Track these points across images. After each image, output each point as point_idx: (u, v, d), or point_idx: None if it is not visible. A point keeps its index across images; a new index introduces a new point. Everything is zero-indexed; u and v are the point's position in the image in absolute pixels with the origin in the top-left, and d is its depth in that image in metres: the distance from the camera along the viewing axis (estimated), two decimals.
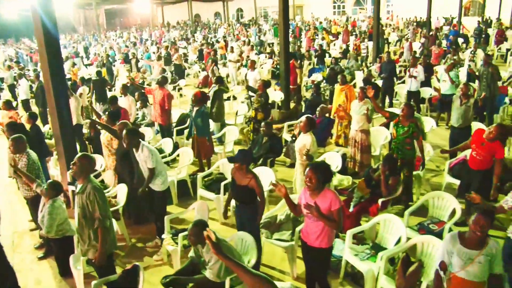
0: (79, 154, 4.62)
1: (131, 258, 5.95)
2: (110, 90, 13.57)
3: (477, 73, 10.65)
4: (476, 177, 5.99)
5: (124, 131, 5.79)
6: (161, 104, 9.27)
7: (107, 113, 7.45)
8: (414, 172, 6.79)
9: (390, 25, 32.50)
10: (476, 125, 8.62)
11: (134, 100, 9.92)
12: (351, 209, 5.96)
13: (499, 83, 11.41)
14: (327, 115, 8.88)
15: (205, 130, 8.07)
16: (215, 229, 6.29)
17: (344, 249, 5.14)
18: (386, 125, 8.59)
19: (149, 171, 5.73)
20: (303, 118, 6.15)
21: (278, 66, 15.65)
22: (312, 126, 6.07)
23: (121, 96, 9.92)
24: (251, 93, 11.31)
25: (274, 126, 8.49)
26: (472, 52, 15.41)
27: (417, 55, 18.79)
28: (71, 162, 4.53)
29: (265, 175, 6.49)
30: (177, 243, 5.38)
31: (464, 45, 22.40)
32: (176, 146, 8.97)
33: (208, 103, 9.39)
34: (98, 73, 13.46)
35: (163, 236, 5.67)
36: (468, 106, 7.83)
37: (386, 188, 5.83)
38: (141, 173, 5.90)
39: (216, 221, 6.75)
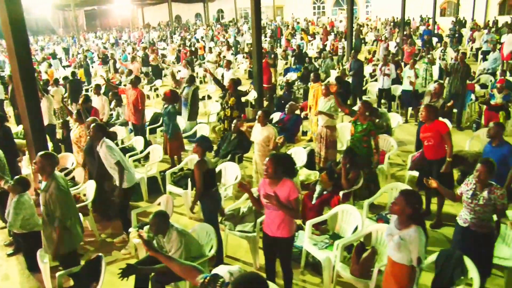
0: (41, 152, 4.71)
1: (100, 253, 6.06)
2: (87, 91, 13.66)
3: (448, 70, 10.99)
4: (434, 167, 6.24)
5: (92, 124, 5.96)
6: (134, 103, 9.38)
7: (75, 111, 7.57)
8: (379, 166, 7.03)
9: (368, 25, 32.90)
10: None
11: (108, 99, 10.02)
12: (313, 202, 6.15)
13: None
14: (296, 112, 9.09)
15: (175, 128, 8.21)
16: (183, 223, 6.49)
17: (304, 239, 5.34)
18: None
19: (117, 166, 5.84)
20: (259, 112, 6.36)
21: None
22: (268, 118, 6.28)
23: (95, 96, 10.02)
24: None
25: (247, 124, 8.66)
26: (442, 51, 15.78)
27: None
28: (33, 161, 4.66)
29: (232, 170, 6.69)
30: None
31: (438, 44, 22.91)
32: (149, 145, 9.08)
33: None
34: (73, 73, 13.50)
35: (129, 230, 5.80)
36: (436, 105, 8.11)
37: (346, 181, 6.03)
38: (102, 168, 6.03)
39: (184, 215, 6.91)
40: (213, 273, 2.78)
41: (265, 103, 12.14)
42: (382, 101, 11.95)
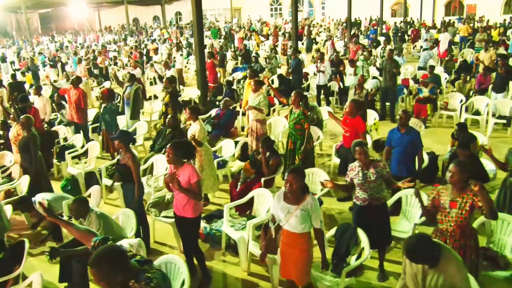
0: None
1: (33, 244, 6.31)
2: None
3: (380, 67, 11.66)
4: (351, 154, 6.73)
5: (23, 116, 6.25)
6: (76, 103, 9.56)
7: (12, 110, 7.75)
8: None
9: (321, 25, 33.77)
10: (370, 113, 9.54)
11: (49, 100, 10.18)
12: (238, 189, 6.57)
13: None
14: (231, 107, 9.51)
15: (113, 125, 8.49)
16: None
17: (223, 222, 5.75)
18: None
19: None
20: (186, 109, 6.75)
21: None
22: (197, 115, 6.67)
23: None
24: None
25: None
26: (383, 49, 16.54)
27: (342, 53, 20.01)
28: None
29: (162, 163, 7.04)
30: None
31: (386, 43, 23.87)
32: None
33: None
34: (13, 76, 13.59)
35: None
36: (360, 96, 8.71)
37: (267, 168, 6.49)
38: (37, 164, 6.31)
39: (120, 207, 7.19)
40: (104, 236, 3.15)
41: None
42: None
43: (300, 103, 7.19)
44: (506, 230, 4.92)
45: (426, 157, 7.20)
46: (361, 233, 4.66)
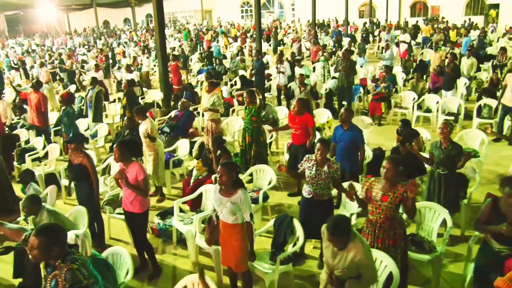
0: None
1: None
2: None
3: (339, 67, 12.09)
4: (300, 151, 7.12)
5: None
6: (36, 106, 9.71)
7: None
8: None
9: (290, 27, 34.27)
10: (320, 112, 9.96)
11: (10, 104, 10.30)
12: (190, 186, 6.88)
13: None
14: (191, 109, 9.81)
15: (71, 128, 8.69)
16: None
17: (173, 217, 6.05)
18: None
19: None
20: (133, 112, 7.07)
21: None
22: (144, 113, 7.00)
23: None
24: None
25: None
26: (347, 50, 17.01)
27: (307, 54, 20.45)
28: None
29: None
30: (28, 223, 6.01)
31: (352, 44, 24.45)
32: None
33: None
34: None
35: (18, 219, 6.26)
36: (306, 92, 9.13)
37: (217, 166, 6.77)
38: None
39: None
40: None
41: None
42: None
43: (255, 100, 7.60)
44: (433, 218, 5.35)
45: (370, 153, 7.61)
46: (296, 224, 5.01)
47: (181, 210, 6.51)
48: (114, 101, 13.25)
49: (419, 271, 5.40)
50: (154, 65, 19.77)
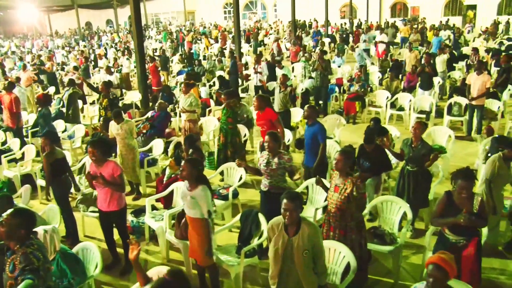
0: None
1: None
2: None
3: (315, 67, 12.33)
4: None
5: None
6: (9, 108, 9.78)
7: None
8: None
9: (272, 28, 34.51)
10: (294, 111, 10.18)
11: None
12: (163, 184, 7.03)
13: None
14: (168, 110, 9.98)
15: (46, 129, 8.77)
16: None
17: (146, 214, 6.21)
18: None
19: None
20: (112, 114, 7.24)
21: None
22: (118, 118, 7.15)
23: None
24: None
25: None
26: (321, 50, 17.29)
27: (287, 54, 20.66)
28: None
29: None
30: None
31: (332, 44, 24.83)
32: None
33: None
34: None
35: None
36: (285, 93, 9.35)
37: None
38: None
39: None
40: None
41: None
42: None
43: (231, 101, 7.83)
44: (394, 211, 5.59)
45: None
46: (261, 218, 5.20)
47: (154, 208, 6.69)
48: (93, 102, 13.31)
49: (381, 263, 5.64)
50: (135, 67, 19.89)
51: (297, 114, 10.08)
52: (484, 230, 4.98)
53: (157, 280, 2.89)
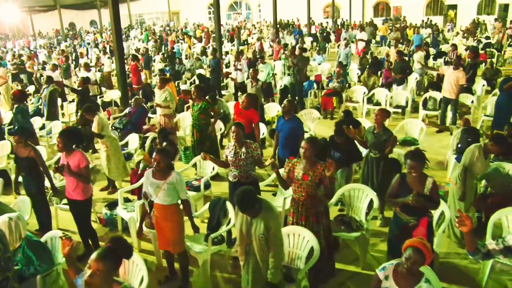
0: None
1: None
2: None
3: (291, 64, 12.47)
4: None
5: None
6: None
7: None
8: None
9: (255, 27, 34.68)
10: (270, 106, 10.30)
11: None
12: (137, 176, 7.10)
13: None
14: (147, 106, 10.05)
15: (25, 124, 8.78)
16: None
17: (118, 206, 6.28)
18: None
19: None
20: (83, 111, 7.30)
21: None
22: (94, 112, 7.20)
23: None
24: None
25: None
26: (300, 48, 17.45)
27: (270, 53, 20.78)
28: None
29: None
30: None
31: (315, 43, 25.02)
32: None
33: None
34: None
35: None
36: (257, 88, 9.47)
37: None
38: None
39: None
40: None
41: None
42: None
43: (201, 96, 7.86)
44: (361, 198, 5.72)
45: None
46: (229, 206, 5.30)
47: (128, 200, 6.76)
48: (73, 100, 13.31)
49: (349, 250, 5.77)
50: None
51: (272, 109, 10.20)
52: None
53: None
